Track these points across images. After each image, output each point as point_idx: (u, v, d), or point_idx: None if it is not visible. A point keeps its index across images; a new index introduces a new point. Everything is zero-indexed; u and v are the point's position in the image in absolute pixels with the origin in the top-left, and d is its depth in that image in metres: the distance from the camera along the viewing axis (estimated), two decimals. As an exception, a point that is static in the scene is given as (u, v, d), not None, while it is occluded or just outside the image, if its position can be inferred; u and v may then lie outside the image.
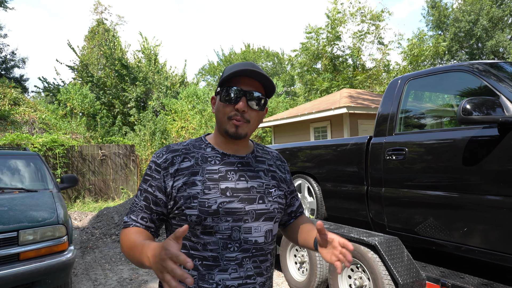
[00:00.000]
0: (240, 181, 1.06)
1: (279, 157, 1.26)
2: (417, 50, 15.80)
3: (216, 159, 1.07)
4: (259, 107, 1.07)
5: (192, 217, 0.99)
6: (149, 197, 1.04)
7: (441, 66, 2.69)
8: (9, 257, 2.79)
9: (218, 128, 1.10)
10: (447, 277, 2.41)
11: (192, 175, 1.02)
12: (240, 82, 1.04)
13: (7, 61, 22.69)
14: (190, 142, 1.12)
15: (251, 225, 1.03)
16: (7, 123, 10.81)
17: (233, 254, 1.00)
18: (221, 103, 1.06)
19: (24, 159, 4.17)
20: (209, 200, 0.99)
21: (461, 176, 2.30)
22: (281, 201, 1.13)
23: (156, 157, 1.06)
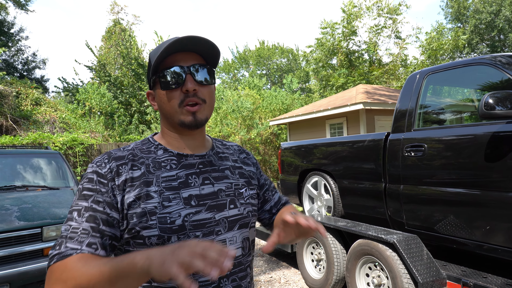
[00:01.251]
0: (204, 185, 0.88)
1: (241, 150, 1.08)
2: (435, 44, 15.43)
3: (171, 162, 0.88)
4: (209, 81, 0.88)
5: (152, 240, 0.78)
6: (98, 216, 0.77)
7: (462, 60, 2.62)
8: (34, 253, 2.89)
9: (169, 123, 0.90)
10: (469, 277, 2.35)
11: (145, 185, 0.82)
12: (175, 60, 0.85)
13: (28, 63, 23.38)
14: (135, 146, 0.91)
15: (225, 237, 0.86)
16: (30, 123, 11.16)
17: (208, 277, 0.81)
18: (163, 92, 0.86)
19: (46, 158, 4.29)
20: (171, 214, 0.81)
21: (483, 172, 2.24)
22: (254, 202, 0.96)
23: (97, 166, 0.83)
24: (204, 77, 0.87)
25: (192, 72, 0.85)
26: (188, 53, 0.87)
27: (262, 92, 18.12)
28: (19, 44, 22.66)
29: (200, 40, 0.84)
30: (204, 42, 0.85)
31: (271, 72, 36.88)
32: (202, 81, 0.87)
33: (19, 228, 2.85)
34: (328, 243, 3.38)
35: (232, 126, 13.70)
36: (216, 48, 0.87)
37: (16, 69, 22.67)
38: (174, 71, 0.84)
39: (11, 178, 3.87)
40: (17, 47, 22.55)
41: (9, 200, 3.25)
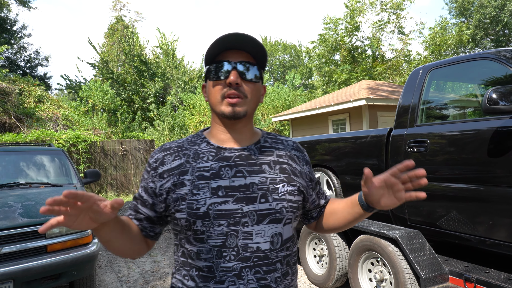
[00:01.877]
0: (236, 177, 0.92)
1: (295, 147, 1.08)
2: (439, 39, 15.31)
3: (209, 154, 0.95)
4: (254, 78, 0.94)
5: (182, 221, 0.89)
6: (138, 197, 0.99)
7: (465, 55, 2.59)
8: (38, 249, 2.91)
9: (215, 114, 0.97)
10: (472, 272, 2.35)
11: (181, 174, 0.93)
12: (226, 56, 0.93)
13: (31, 60, 23.45)
14: (186, 139, 1.02)
15: (251, 229, 0.88)
16: (33, 120, 11.20)
17: (230, 264, 0.87)
18: (210, 83, 0.94)
19: (49, 155, 4.31)
20: (198, 201, 0.88)
21: (486, 168, 2.23)
22: (292, 198, 0.95)
23: (150, 157, 1.00)
24: (248, 74, 0.93)
25: (237, 67, 0.91)
26: (240, 51, 0.94)
27: (265, 89, 18.06)
28: (21, 42, 22.73)
29: (251, 42, 0.92)
30: (253, 45, 0.92)
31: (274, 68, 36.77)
32: (246, 77, 0.92)
33: (22, 225, 2.87)
34: (330, 238, 3.38)
35: (234, 123, 13.69)
36: (263, 48, 0.94)
37: (19, 67, 22.75)
38: (222, 65, 0.92)
39: (14, 175, 3.89)
40: (19, 45, 22.61)
41: (13, 197, 3.27)
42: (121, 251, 0.92)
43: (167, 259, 4.86)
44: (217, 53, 0.94)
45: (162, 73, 17.31)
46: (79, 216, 0.73)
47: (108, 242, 0.87)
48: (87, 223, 0.75)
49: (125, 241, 0.90)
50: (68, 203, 0.69)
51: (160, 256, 5.03)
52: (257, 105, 0.98)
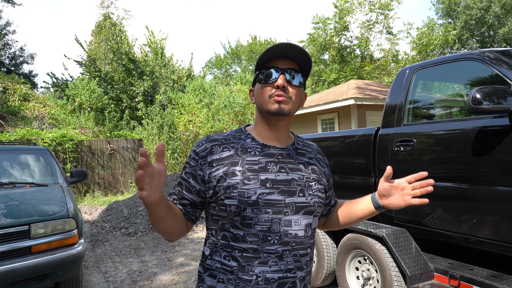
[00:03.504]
0: (280, 173, 1.04)
1: (319, 151, 1.24)
2: (426, 39, 15.52)
3: (256, 150, 1.06)
4: (299, 84, 1.06)
5: (232, 207, 0.98)
6: (183, 183, 1.07)
7: (451, 55, 2.63)
8: (22, 250, 2.85)
9: (260, 112, 1.09)
10: (456, 269, 2.39)
11: (232, 165, 1.02)
12: (276, 63, 1.05)
13: (16, 57, 22.95)
14: (230, 133, 1.12)
15: (291, 218, 1.01)
16: (18, 119, 10.97)
17: (273, 247, 0.98)
18: (260, 86, 1.06)
19: (34, 154, 4.22)
20: (249, 190, 0.98)
21: (470, 167, 2.27)
22: (321, 195, 1.11)
23: (196, 146, 1.08)
24: (294, 79, 1.05)
25: (285, 73, 1.03)
26: (288, 60, 1.06)
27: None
28: (6, 39, 22.21)
29: (298, 53, 1.03)
30: (300, 55, 1.04)
31: (263, 68, 36.72)
32: (292, 82, 1.04)
33: (5, 225, 2.80)
34: (318, 237, 3.40)
35: (224, 122, 13.65)
36: (309, 57, 1.06)
37: (3, 64, 22.24)
38: (271, 71, 1.04)
39: (-3, 175, 3.80)
40: (3, 42, 22.09)
41: (-4, 197, 3.19)
42: (170, 230, 1.00)
43: (155, 259, 4.82)
44: (267, 60, 1.06)
45: (150, 72, 17.14)
46: (150, 184, 0.82)
47: (163, 219, 0.95)
48: (157, 191, 0.84)
49: (173, 220, 0.99)
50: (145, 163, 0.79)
51: (148, 256, 4.98)
52: (298, 108, 1.10)
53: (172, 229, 1.01)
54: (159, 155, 0.85)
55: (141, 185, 0.80)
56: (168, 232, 1.01)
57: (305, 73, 1.09)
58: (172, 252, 5.17)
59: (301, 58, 1.05)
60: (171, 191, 1.12)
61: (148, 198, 0.81)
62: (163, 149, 0.84)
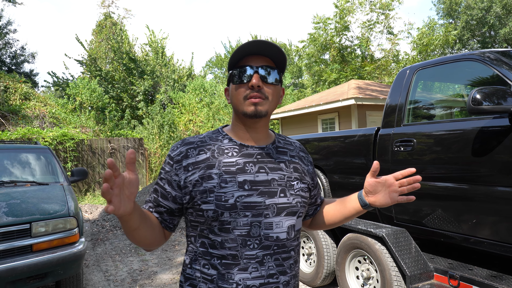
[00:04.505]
0: (259, 173, 0.99)
1: (302, 148, 1.19)
2: (426, 39, 15.52)
3: (233, 150, 1.02)
4: (275, 82, 1.01)
5: (209, 212, 0.94)
6: (159, 189, 1.02)
7: (451, 55, 2.64)
8: (23, 249, 2.86)
9: (237, 114, 1.04)
10: (455, 269, 2.40)
11: (208, 168, 0.98)
12: (249, 61, 1.00)
13: (17, 56, 22.96)
14: (207, 135, 1.07)
15: (272, 220, 0.97)
16: (19, 118, 10.98)
17: (253, 252, 0.94)
18: (234, 86, 1.01)
19: (35, 153, 4.23)
20: (226, 194, 0.94)
21: (470, 167, 2.27)
22: (304, 194, 1.06)
23: (171, 150, 1.03)
24: (269, 77, 1.00)
25: (259, 71, 0.98)
26: (261, 57, 1.01)
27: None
28: (7, 38, 22.22)
29: (271, 49, 0.98)
30: (275, 52, 0.99)
31: (264, 67, 36.71)
32: (267, 80, 0.99)
33: (7, 224, 2.81)
34: (318, 237, 3.41)
35: (224, 121, 13.66)
36: (283, 53, 1.00)
37: (4, 63, 22.25)
38: (244, 69, 0.99)
39: (-1, 174, 3.81)
40: (4, 41, 22.10)
41: (-3, 196, 3.20)
42: (145, 240, 0.96)
43: (155, 258, 4.83)
44: (240, 58, 1.01)
45: (151, 71, 17.15)
46: (120, 195, 0.77)
47: (137, 230, 0.90)
48: (128, 202, 0.79)
49: (149, 230, 0.95)
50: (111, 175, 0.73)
51: (148, 255, 4.99)
52: (276, 106, 1.05)
53: (148, 239, 0.97)
54: (130, 164, 0.80)
55: (108, 198, 0.74)
56: (144, 242, 0.97)
57: (281, 69, 1.05)
58: (173, 251, 5.18)
59: (275, 54, 1.00)
60: (147, 198, 1.07)
61: (117, 211, 0.77)
62: (134, 157, 0.80)
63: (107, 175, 0.72)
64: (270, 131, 1.13)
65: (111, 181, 0.74)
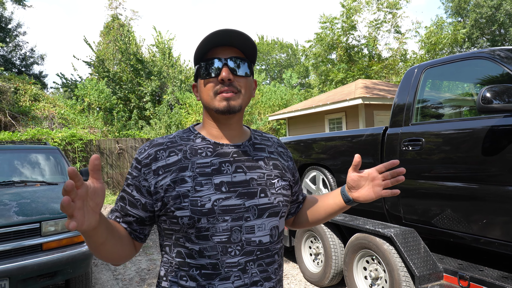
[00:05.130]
0: (237, 173, 0.92)
1: (280, 143, 1.12)
2: (434, 38, 15.37)
3: (207, 150, 0.94)
4: (246, 73, 0.94)
5: (184, 219, 0.86)
6: (126, 197, 0.92)
7: (460, 54, 2.61)
8: (33, 247, 2.90)
9: (208, 112, 0.96)
10: (466, 270, 2.37)
11: (180, 170, 0.89)
12: (216, 53, 0.92)
13: (26, 58, 23.27)
14: (177, 134, 0.98)
15: (253, 223, 0.90)
16: (28, 119, 11.13)
17: (235, 259, 0.87)
18: (202, 81, 0.93)
19: (45, 153, 4.29)
20: (202, 198, 0.87)
21: (480, 166, 2.25)
22: (285, 192, 0.99)
23: (138, 153, 0.94)
24: (239, 69, 0.92)
25: (228, 63, 0.91)
26: (229, 47, 0.93)
27: (261, 88, 18.08)
28: (16, 40, 22.54)
29: (236, 33, 0.90)
30: (239, 36, 0.90)
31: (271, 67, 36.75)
32: (237, 72, 0.92)
33: (17, 223, 2.85)
34: (326, 237, 3.39)
35: (231, 122, 13.67)
36: (252, 42, 0.93)
37: (14, 65, 22.57)
38: (212, 62, 0.91)
39: (9, 174, 3.87)
40: (14, 43, 22.43)
41: (8, 195, 3.25)
42: (113, 255, 0.87)
43: (164, 258, 4.86)
44: (206, 50, 0.93)
45: (158, 72, 17.25)
46: (83, 208, 0.68)
47: (103, 244, 0.82)
48: (93, 215, 0.71)
49: (117, 243, 0.86)
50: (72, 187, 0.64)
51: (156, 254, 5.02)
52: (249, 99, 0.98)
53: (116, 254, 0.87)
54: (94, 171, 0.70)
55: (70, 212, 0.64)
56: (112, 257, 0.87)
57: (251, 59, 0.97)
58: (180, 251, 5.20)
59: (244, 44, 0.93)
60: (113, 207, 0.96)
61: (80, 226, 0.67)
62: (98, 163, 0.70)
63: (67, 187, 0.62)
64: (245, 127, 1.06)
65: (72, 193, 0.64)
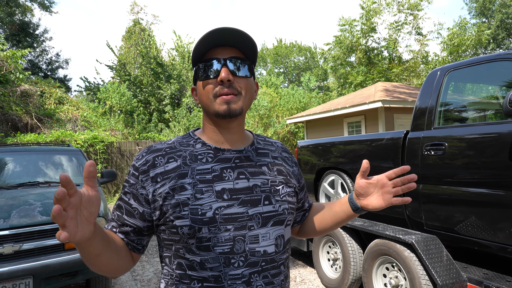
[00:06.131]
0: (239, 180, 0.88)
1: (284, 148, 1.07)
2: (457, 39, 14.97)
3: (208, 156, 0.90)
4: (246, 74, 0.90)
5: (184, 229, 0.81)
6: (123, 206, 0.89)
7: (485, 56, 2.53)
8: (56, 247, 2.98)
9: (208, 115, 0.92)
10: (491, 280, 2.28)
11: (179, 177, 0.85)
12: (215, 53, 0.89)
13: (52, 63, 24.10)
14: (176, 140, 0.94)
15: (257, 233, 0.85)
16: (53, 121, 11.50)
17: (239, 271, 0.82)
18: (201, 83, 0.90)
19: (68, 155, 4.41)
20: (203, 206, 0.82)
21: (506, 172, 2.16)
22: (291, 199, 0.94)
23: (136, 160, 0.90)
24: (240, 70, 0.88)
25: (228, 64, 0.87)
26: (228, 48, 0.89)
27: (280, 91, 18.06)
28: (43, 45, 23.40)
29: (234, 32, 0.85)
30: (238, 35, 0.86)
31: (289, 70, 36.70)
32: (237, 73, 0.88)
33: (41, 222, 2.94)
34: (344, 242, 3.34)
35: (249, 125, 13.71)
36: (252, 41, 0.89)
37: (41, 69, 23.41)
38: (211, 63, 0.87)
39: (34, 174, 4.00)
40: (41, 48, 23.28)
41: (33, 196, 3.36)
42: (109, 268, 0.83)
43: (181, 260, 4.91)
44: (204, 51, 0.89)
45: (177, 75, 17.51)
46: (76, 218, 0.64)
47: (99, 256, 0.78)
48: (87, 225, 0.66)
49: (113, 255, 0.82)
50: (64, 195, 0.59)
51: (174, 256, 5.08)
52: (251, 102, 0.93)
53: (112, 266, 0.83)
54: (89, 178, 0.66)
55: (61, 222, 0.60)
56: (107, 270, 0.83)
57: (252, 60, 0.93)
58: (197, 253, 5.24)
59: (244, 43, 0.89)
60: (110, 216, 0.92)
61: (73, 237, 0.62)
62: (94, 170, 0.65)
63: (59, 195, 0.58)
64: (247, 131, 1.02)
65: (64, 202, 0.60)
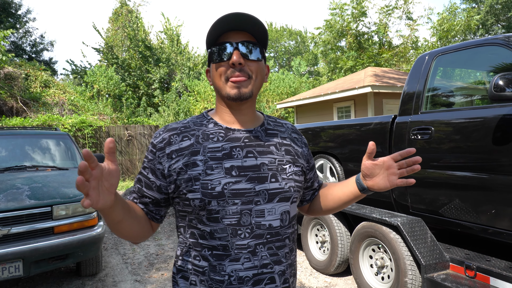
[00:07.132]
0: (247, 158, 0.94)
1: (294, 129, 1.12)
2: (447, 25, 15.00)
3: (219, 135, 0.96)
4: (257, 57, 0.94)
5: (195, 202, 0.89)
6: (142, 179, 0.97)
7: (473, 40, 2.55)
8: (45, 230, 2.97)
9: (220, 97, 0.98)
10: (472, 260, 2.36)
11: (192, 154, 0.92)
12: (228, 37, 0.93)
13: (36, 45, 23.40)
14: (191, 119, 1.01)
15: (263, 207, 0.92)
16: (39, 105, 11.26)
17: (245, 241, 0.90)
18: (214, 65, 0.95)
19: (55, 139, 4.35)
20: (212, 181, 0.89)
21: (491, 156, 2.22)
22: (297, 178, 1.00)
23: (154, 137, 0.98)
24: (252, 53, 0.93)
25: (240, 47, 0.92)
26: (240, 32, 0.94)
27: (270, 75, 17.94)
28: (26, 26, 22.64)
29: (246, 17, 0.90)
30: (250, 20, 0.91)
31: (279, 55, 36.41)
32: (249, 56, 0.93)
33: (30, 206, 2.92)
34: (332, 225, 3.41)
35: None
36: (263, 26, 0.93)
37: (25, 51, 22.73)
38: (224, 47, 0.92)
39: (21, 159, 3.94)
40: (25, 29, 22.54)
41: (20, 180, 3.32)
42: (131, 234, 0.92)
43: (171, 243, 4.94)
44: (218, 35, 0.94)
45: (166, 59, 17.22)
46: (98, 188, 0.72)
47: (120, 223, 0.86)
48: (108, 195, 0.74)
49: (134, 222, 0.90)
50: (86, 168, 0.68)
51: (164, 240, 5.11)
52: (261, 84, 0.99)
53: (133, 232, 0.92)
54: (109, 153, 0.75)
55: (85, 191, 0.69)
56: (129, 236, 0.92)
57: (263, 44, 0.98)
58: (188, 237, 5.28)
59: (255, 28, 0.93)
60: (131, 189, 1.01)
61: (95, 204, 0.71)
62: (113, 146, 0.74)
63: (81, 168, 0.66)
64: (258, 112, 1.08)
65: (86, 173, 0.68)
